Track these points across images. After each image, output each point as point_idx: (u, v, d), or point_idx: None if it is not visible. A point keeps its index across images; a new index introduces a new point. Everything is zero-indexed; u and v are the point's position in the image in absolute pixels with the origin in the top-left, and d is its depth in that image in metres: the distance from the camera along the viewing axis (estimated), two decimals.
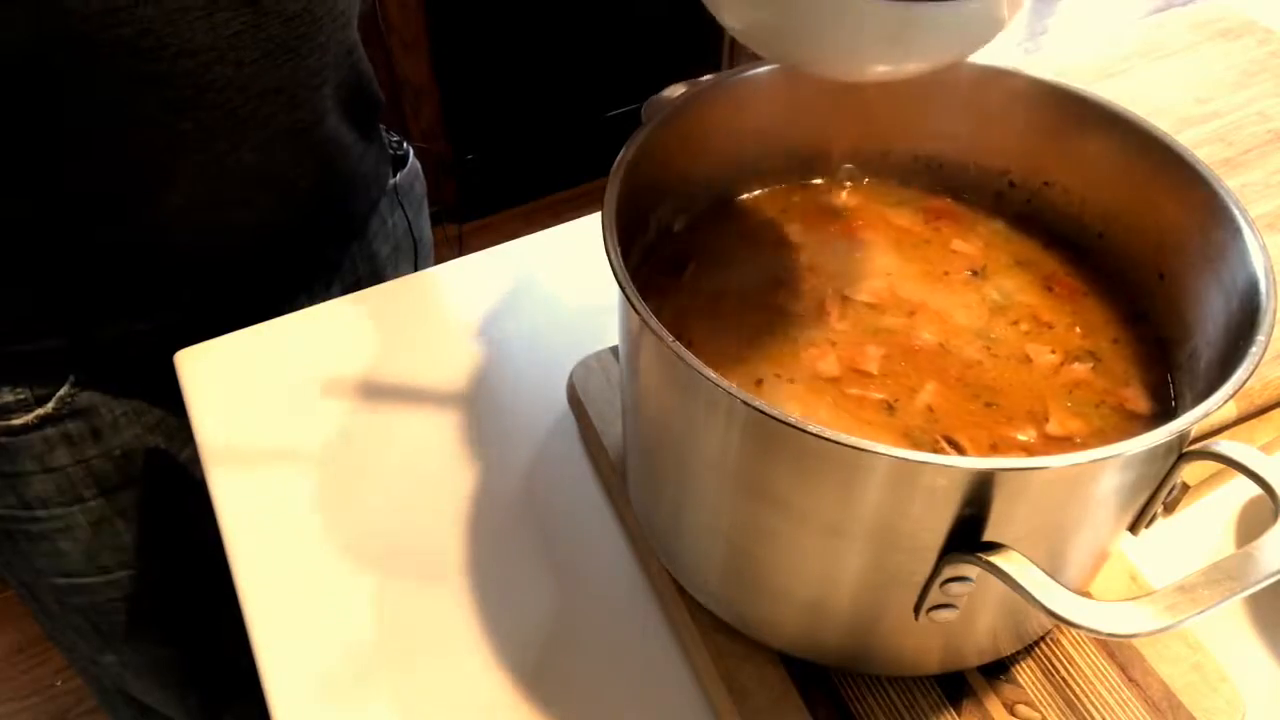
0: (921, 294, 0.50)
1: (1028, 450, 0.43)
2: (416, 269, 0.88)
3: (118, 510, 0.72)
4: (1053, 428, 0.44)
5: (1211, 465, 0.42)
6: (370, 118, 0.76)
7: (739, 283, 0.50)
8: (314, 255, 0.76)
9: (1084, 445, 0.43)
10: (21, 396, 0.66)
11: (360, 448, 0.61)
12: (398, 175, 0.83)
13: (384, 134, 0.82)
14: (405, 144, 0.86)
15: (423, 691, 0.50)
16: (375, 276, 0.82)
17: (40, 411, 0.66)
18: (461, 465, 0.60)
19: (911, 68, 0.41)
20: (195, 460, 0.75)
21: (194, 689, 0.87)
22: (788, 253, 0.52)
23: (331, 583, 0.54)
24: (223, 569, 0.78)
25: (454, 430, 0.62)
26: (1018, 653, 0.47)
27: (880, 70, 0.42)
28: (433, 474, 0.59)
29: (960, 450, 0.43)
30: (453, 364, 0.66)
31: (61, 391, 0.66)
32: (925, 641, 0.44)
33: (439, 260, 0.80)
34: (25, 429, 0.66)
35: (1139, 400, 0.45)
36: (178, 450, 0.73)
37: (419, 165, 0.88)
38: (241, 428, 0.62)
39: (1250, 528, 0.56)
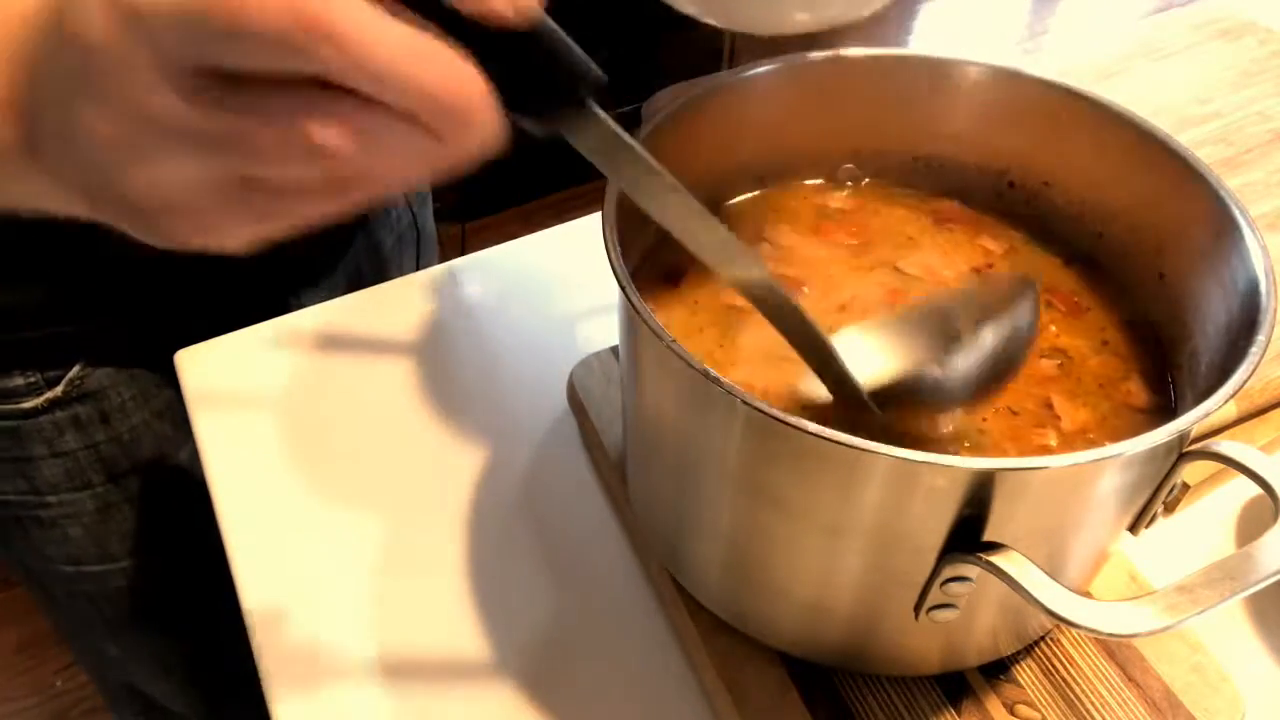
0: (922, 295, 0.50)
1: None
2: (419, 262, 0.89)
3: (126, 496, 0.73)
4: (1065, 425, 0.44)
5: (1211, 465, 0.42)
6: None
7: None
8: (317, 243, 0.75)
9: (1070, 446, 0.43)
10: (31, 380, 0.66)
11: (361, 447, 0.61)
12: None
13: None
14: None
15: (422, 691, 0.50)
16: (379, 268, 0.83)
17: (49, 395, 0.67)
18: (461, 465, 0.60)
19: (830, 17, 0.48)
20: None
21: (198, 681, 0.87)
22: (788, 253, 0.52)
23: (331, 581, 0.54)
24: (226, 560, 0.78)
25: (454, 430, 0.62)
26: (1018, 653, 0.47)
27: (801, 21, 0.49)
28: (433, 474, 0.59)
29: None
30: (453, 364, 0.66)
31: (70, 374, 0.67)
32: (925, 641, 0.44)
33: (441, 259, 0.80)
34: (35, 412, 0.67)
35: (1139, 400, 0.46)
36: (185, 437, 0.73)
37: None
38: (241, 427, 0.62)
39: (1250, 528, 0.56)
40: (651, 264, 0.51)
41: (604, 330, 0.66)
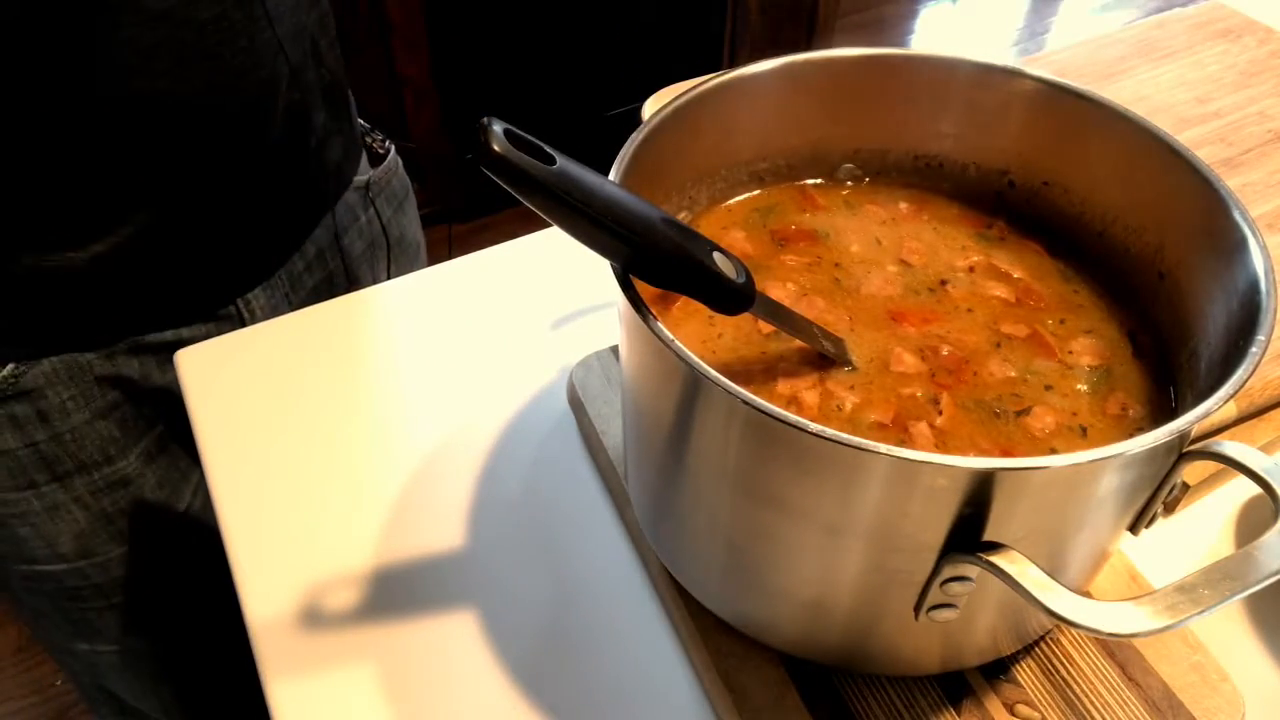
0: (922, 297, 0.50)
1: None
2: (389, 269, 0.88)
3: (73, 497, 0.71)
4: (1064, 423, 0.44)
5: (1211, 465, 0.42)
6: (337, 107, 0.76)
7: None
8: (271, 235, 0.75)
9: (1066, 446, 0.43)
10: None
11: (360, 447, 0.61)
12: (373, 171, 0.83)
13: (362, 130, 0.82)
14: (389, 143, 0.86)
15: (422, 690, 0.50)
16: (349, 273, 0.82)
17: None
18: (462, 465, 0.60)
19: None
20: (155, 449, 0.73)
21: (166, 683, 0.86)
22: (787, 252, 0.52)
23: (331, 581, 0.54)
24: (192, 562, 0.77)
25: (454, 430, 0.62)
26: (1018, 652, 0.47)
27: None
28: (433, 474, 0.59)
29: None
30: (453, 364, 0.66)
31: (4, 373, 0.65)
32: (925, 641, 0.44)
33: (432, 261, 0.79)
34: None
35: (1139, 400, 0.46)
36: (133, 440, 0.72)
37: (400, 162, 0.87)
38: (241, 427, 0.62)
39: (1250, 528, 0.56)
40: None
41: (604, 330, 0.66)
